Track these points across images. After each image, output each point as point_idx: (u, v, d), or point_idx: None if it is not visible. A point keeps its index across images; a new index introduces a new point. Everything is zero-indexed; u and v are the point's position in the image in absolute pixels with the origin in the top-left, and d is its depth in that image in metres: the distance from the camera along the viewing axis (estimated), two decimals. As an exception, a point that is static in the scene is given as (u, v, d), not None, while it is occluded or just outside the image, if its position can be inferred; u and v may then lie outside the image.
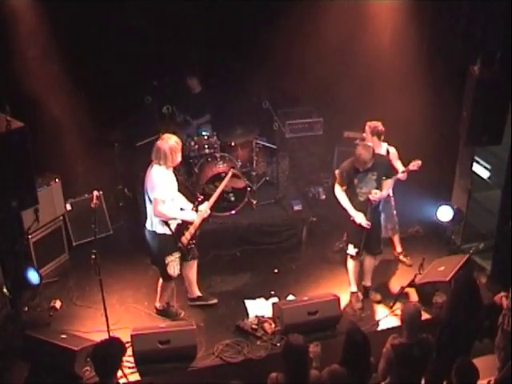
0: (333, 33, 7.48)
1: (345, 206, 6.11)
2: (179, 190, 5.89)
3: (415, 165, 6.46)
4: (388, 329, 6.03)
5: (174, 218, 5.66)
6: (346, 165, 6.17)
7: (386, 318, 6.22)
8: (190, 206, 5.87)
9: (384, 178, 6.12)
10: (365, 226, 6.04)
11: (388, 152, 6.68)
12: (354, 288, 6.45)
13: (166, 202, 5.56)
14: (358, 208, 6.09)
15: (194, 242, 5.90)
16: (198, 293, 6.32)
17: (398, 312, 6.18)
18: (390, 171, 6.25)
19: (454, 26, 6.62)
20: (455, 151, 7.14)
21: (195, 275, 6.20)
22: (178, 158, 5.63)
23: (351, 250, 6.24)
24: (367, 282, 6.52)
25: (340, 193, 6.15)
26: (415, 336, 4.71)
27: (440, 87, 6.94)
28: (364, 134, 6.76)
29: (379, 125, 6.61)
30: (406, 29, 7.26)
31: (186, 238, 5.79)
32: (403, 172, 6.58)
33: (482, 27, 6.04)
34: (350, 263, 6.35)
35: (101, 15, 6.94)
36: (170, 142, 5.55)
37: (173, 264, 5.79)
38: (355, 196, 6.14)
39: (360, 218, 6.04)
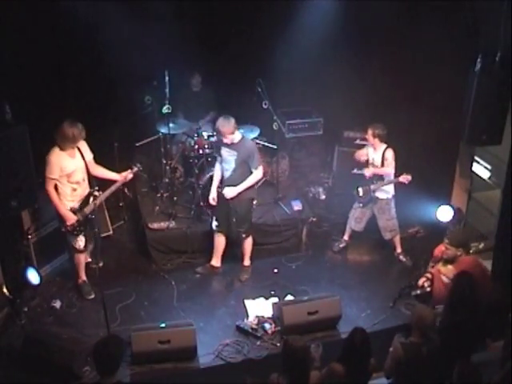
0: (333, 33, 7.49)
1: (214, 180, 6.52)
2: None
3: (405, 178, 6.57)
4: (388, 329, 6.03)
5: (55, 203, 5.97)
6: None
7: (386, 317, 6.22)
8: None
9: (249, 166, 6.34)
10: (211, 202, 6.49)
11: (384, 153, 6.70)
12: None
13: (62, 181, 5.93)
14: (221, 183, 6.50)
15: (81, 228, 6.06)
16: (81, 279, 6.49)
17: (399, 312, 6.23)
18: (253, 161, 6.33)
19: (454, 26, 6.62)
20: (455, 151, 7.14)
21: (80, 266, 6.38)
22: (76, 145, 5.96)
23: (213, 223, 6.66)
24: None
25: (216, 169, 6.60)
26: (425, 336, 4.71)
27: (440, 87, 6.94)
28: (366, 136, 6.79)
29: (381, 127, 6.65)
30: (405, 29, 7.27)
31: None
32: (390, 182, 6.72)
33: (482, 27, 6.03)
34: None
35: (102, 14, 6.93)
36: (67, 127, 5.85)
37: (69, 237, 6.13)
38: (223, 170, 6.48)
39: (226, 191, 6.36)
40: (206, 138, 7.44)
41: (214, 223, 6.66)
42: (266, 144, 7.71)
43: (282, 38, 7.56)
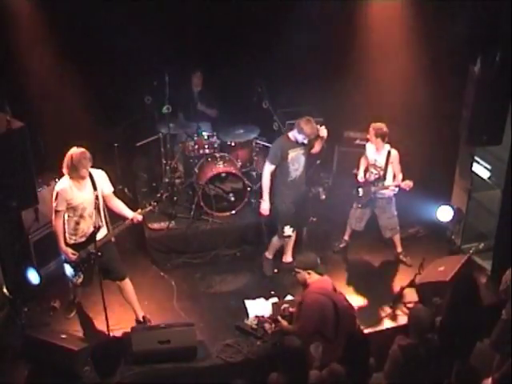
0: (333, 33, 7.49)
1: (263, 189, 6.42)
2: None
3: (407, 184, 6.54)
4: (388, 329, 6.03)
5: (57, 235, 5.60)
6: (279, 141, 6.43)
7: (386, 317, 6.22)
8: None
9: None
10: (265, 213, 6.45)
11: (389, 154, 6.69)
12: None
13: (68, 214, 5.56)
14: (288, 187, 6.41)
15: (84, 266, 5.68)
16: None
17: (399, 312, 6.23)
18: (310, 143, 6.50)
19: (454, 26, 6.62)
20: (455, 151, 7.14)
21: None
22: (81, 173, 5.46)
23: (289, 230, 6.57)
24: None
25: (267, 173, 6.40)
26: (422, 337, 4.72)
27: (440, 87, 6.94)
28: (368, 136, 6.78)
29: (383, 126, 6.64)
30: (406, 29, 7.27)
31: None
32: (394, 186, 6.69)
33: (482, 27, 6.04)
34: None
35: (101, 14, 6.94)
36: (71, 153, 5.43)
37: (69, 269, 5.74)
38: (286, 175, 6.36)
39: (266, 205, 6.42)
40: (205, 138, 7.44)
41: (289, 231, 6.59)
42: (266, 144, 7.70)
43: (282, 37, 7.56)
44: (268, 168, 6.41)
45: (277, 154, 6.35)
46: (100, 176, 5.71)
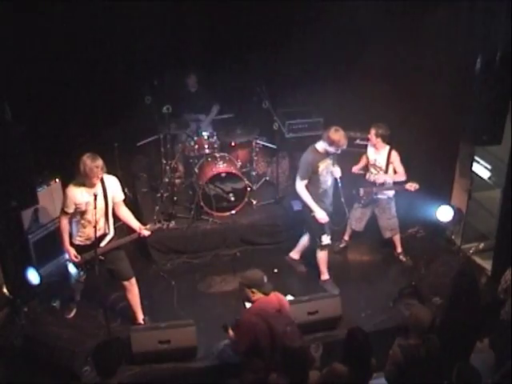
0: (333, 33, 7.49)
1: (309, 203, 6.27)
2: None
3: (412, 186, 6.56)
4: (388, 329, 6.02)
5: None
6: (307, 156, 6.27)
7: (386, 317, 6.22)
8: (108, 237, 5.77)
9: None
10: (325, 221, 6.28)
11: (390, 154, 6.70)
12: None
13: (75, 216, 5.57)
14: (320, 198, 6.29)
15: (87, 266, 5.72)
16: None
17: (399, 312, 6.23)
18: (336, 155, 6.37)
19: (455, 26, 6.62)
20: (455, 151, 7.14)
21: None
22: (92, 181, 5.45)
23: (326, 239, 6.42)
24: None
25: (303, 188, 6.27)
26: (422, 337, 4.72)
27: (440, 87, 6.94)
28: (368, 136, 6.78)
29: (384, 127, 6.65)
30: (406, 29, 7.27)
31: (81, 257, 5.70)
32: (396, 188, 6.73)
33: (482, 27, 6.04)
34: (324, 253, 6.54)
35: (101, 14, 6.94)
36: (83, 161, 5.41)
37: (72, 268, 5.79)
38: (317, 186, 6.27)
39: (323, 214, 6.24)
40: (205, 138, 7.45)
41: (327, 239, 6.46)
42: (266, 144, 7.71)
43: (283, 38, 7.56)
44: (300, 184, 6.29)
45: (308, 170, 6.24)
46: (112, 183, 5.69)
